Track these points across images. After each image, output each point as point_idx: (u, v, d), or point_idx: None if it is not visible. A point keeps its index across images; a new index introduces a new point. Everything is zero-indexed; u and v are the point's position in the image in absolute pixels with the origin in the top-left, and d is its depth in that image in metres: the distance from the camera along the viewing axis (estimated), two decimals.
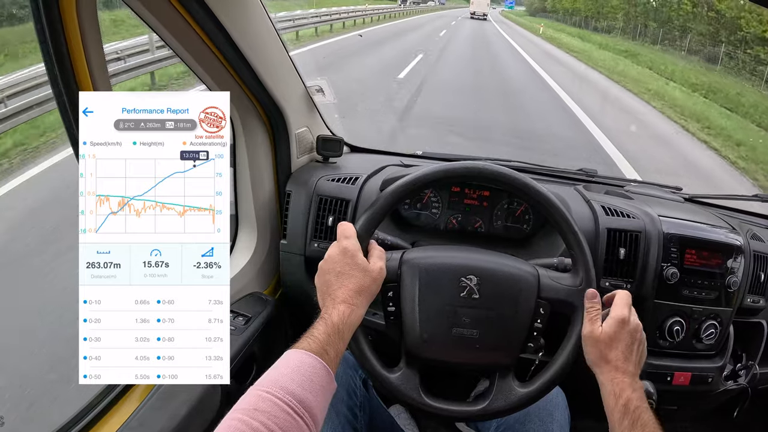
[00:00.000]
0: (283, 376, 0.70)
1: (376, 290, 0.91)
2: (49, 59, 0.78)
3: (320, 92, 1.47)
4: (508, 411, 0.97)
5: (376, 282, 0.90)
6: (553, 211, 0.98)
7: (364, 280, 0.87)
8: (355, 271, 0.87)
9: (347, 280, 0.87)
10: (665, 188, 1.64)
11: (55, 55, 0.78)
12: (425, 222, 1.45)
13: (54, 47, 0.77)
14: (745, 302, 1.33)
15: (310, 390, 0.70)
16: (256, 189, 1.36)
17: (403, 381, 0.96)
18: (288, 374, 0.71)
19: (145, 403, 0.93)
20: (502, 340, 0.96)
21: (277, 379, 0.70)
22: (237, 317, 1.20)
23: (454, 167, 0.99)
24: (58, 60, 0.78)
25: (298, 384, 0.70)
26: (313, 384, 0.71)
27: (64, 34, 0.78)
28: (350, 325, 0.83)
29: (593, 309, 0.92)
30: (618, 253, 1.26)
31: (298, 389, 0.69)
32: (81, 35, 0.79)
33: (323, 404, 0.74)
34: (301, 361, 0.73)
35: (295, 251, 1.38)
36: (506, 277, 0.97)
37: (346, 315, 0.82)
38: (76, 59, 0.80)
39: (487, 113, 8.42)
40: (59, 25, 0.76)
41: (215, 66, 1.13)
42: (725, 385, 1.36)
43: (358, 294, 0.86)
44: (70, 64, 0.80)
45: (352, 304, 0.84)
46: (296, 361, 0.73)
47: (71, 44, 0.79)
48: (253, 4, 1.15)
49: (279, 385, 0.69)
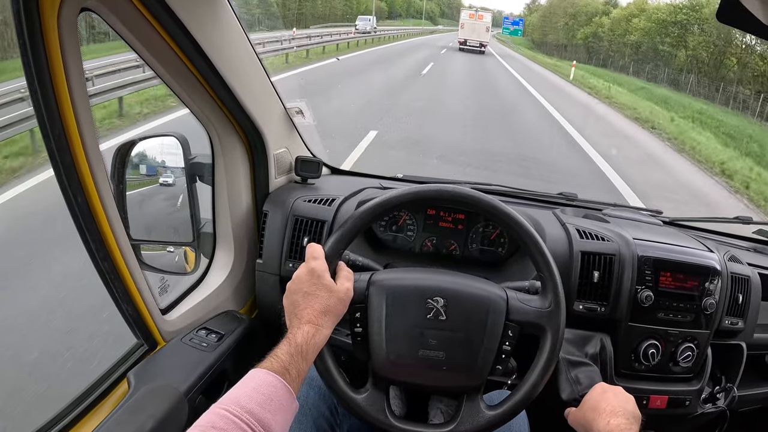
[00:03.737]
0: (243, 395, 0.72)
1: (343, 311, 0.92)
2: (30, 75, 0.80)
3: (300, 114, 1.50)
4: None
5: (343, 302, 0.91)
6: (522, 233, 1.00)
7: (330, 301, 0.89)
8: (322, 292, 0.89)
9: (313, 300, 0.88)
10: (644, 211, 1.65)
11: (35, 70, 0.80)
12: (401, 244, 1.47)
13: (35, 63, 0.79)
14: (723, 324, 1.33)
15: (269, 409, 0.72)
16: (234, 208, 1.38)
17: (370, 402, 0.97)
18: (248, 393, 0.73)
19: (111, 416, 0.93)
20: (468, 362, 0.97)
21: (238, 397, 0.72)
22: (210, 334, 1.20)
23: (424, 189, 1.01)
24: (38, 76, 0.80)
25: (257, 403, 0.72)
26: (273, 403, 0.73)
27: (45, 51, 0.79)
28: (314, 346, 0.85)
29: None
30: (592, 276, 1.27)
31: (256, 408, 0.71)
32: (61, 52, 0.81)
33: (283, 422, 0.75)
34: (262, 380, 0.76)
35: (271, 271, 1.39)
36: (474, 299, 0.98)
37: (310, 335, 0.84)
38: (56, 76, 0.82)
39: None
40: (40, 37, 0.78)
41: (194, 86, 1.16)
42: (703, 408, 1.36)
43: (324, 314, 0.88)
44: (50, 81, 0.81)
45: (317, 324, 0.86)
46: (257, 381, 0.75)
47: (52, 61, 0.81)
48: (232, 25, 1.19)
49: (238, 403, 0.71)
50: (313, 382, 1.14)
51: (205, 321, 1.25)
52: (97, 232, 0.95)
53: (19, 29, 0.77)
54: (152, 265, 1.26)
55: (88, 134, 0.88)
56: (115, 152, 1.25)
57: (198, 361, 1.11)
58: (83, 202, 0.91)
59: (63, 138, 0.85)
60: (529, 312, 0.98)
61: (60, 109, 0.84)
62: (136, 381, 1.01)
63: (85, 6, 0.85)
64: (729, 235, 1.69)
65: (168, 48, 1.05)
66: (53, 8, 0.78)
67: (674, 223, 1.63)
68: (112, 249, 0.98)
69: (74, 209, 0.91)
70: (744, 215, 1.64)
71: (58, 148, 0.85)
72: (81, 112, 0.86)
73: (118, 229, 0.98)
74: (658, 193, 7.00)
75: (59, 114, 0.84)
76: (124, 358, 1.11)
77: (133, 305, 1.06)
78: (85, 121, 0.87)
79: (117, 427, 0.91)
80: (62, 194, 0.90)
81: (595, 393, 0.97)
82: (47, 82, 0.81)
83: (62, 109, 0.84)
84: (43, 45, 0.79)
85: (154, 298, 1.11)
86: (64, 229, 0.92)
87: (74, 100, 0.85)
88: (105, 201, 0.94)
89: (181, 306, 1.25)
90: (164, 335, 1.15)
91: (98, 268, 0.99)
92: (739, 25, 0.68)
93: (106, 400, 1.02)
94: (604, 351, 1.29)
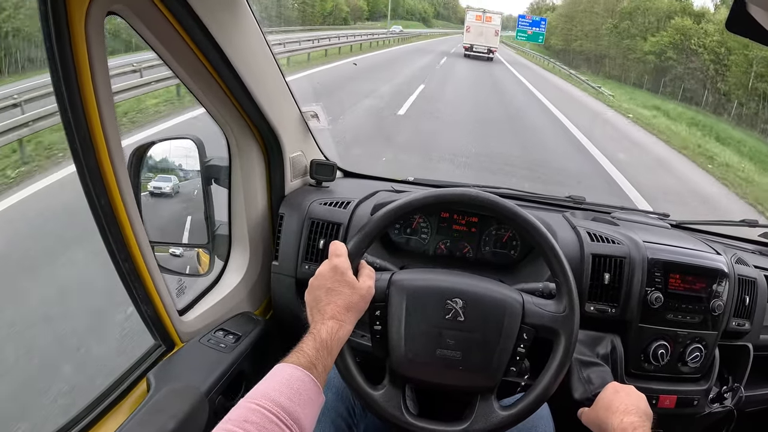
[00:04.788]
0: (272, 390, 0.73)
1: (364, 308, 0.93)
2: (56, 78, 0.81)
3: (315, 117, 1.51)
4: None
5: (364, 299, 0.93)
6: (540, 239, 1.01)
7: (353, 298, 0.90)
8: (345, 288, 0.90)
9: (336, 296, 0.89)
10: (652, 215, 1.66)
11: (62, 74, 0.80)
12: (414, 247, 1.48)
13: (62, 67, 0.80)
14: (730, 326, 1.35)
15: (299, 402, 0.73)
16: (250, 210, 1.39)
17: (387, 398, 0.98)
18: (277, 387, 0.74)
19: (133, 417, 0.93)
20: (484, 362, 0.98)
21: (267, 392, 0.73)
22: (227, 335, 1.21)
23: (446, 193, 1.03)
24: (65, 80, 0.81)
25: (287, 397, 0.73)
26: (302, 397, 0.74)
27: (72, 55, 0.80)
28: (338, 341, 0.86)
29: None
30: (603, 278, 1.29)
31: (286, 402, 0.72)
32: (88, 56, 0.82)
33: (311, 416, 0.76)
34: (291, 375, 0.76)
35: (287, 273, 1.40)
36: (491, 302, 0.99)
37: (335, 330, 0.85)
38: (83, 80, 0.83)
39: None
40: (67, 41, 0.79)
41: (213, 88, 1.17)
42: (711, 408, 1.37)
43: (347, 310, 0.89)
44: (77, 84, 0.82)
45: (341, 320, 0.87)
46: (286, 375, 0.76)
47: (78, 64, 0.81)
48: (252, 29, 1.20)
49: (269, 397, 0.72)
50: (331, 383, 1.15)
51: (222, 322, 1.26)
52: (119, 234, 0.95)
53: (47, 33, 0.77)
54: (168, 267, 1.27)
55: (113, 137, 0.89)
56: (131, 154, 1.26)
57: (216, 361, 1.12)
58: (106, 204, 0.92)
59: (88, 140, 0.86)
60: (545, 316, 1.00)
61: (86, 112, 0.84)
62: (156, 382, 1.02)
63: (111, 9, 0.86)
64: (735, 238, 1.70)
65: (189, 50, 1.06)
66: (81, 12, 0.79)
67: (681, 226, 1.65)
68: (133, 250, 0.99)
69: (97, 211, 0.92)
70: (750, 218, 1.64)
71: (83, 150, 0.86)
72: (106, 115, 0.87)
73: (139, 231, 0.99)
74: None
75: (85, 117, 0.84)
76: (142, 359, 1.12)
77: (152, 306, 1.07)
78: (110, 124, 0.88)
79: (139, 428, 0.91)
80: (85, 196, 0.90)
81: (607, 392, 0.99)
82: (74, 86, 0.82)
83: (88, 112, 0.84)
84: (70, 49, 0.79)
85: (173, 300, 1.12)
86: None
87: (100, 103, 0.86)
88: (127, 203, 0.95)
89: (197, 307, 1.25)
90: (182, 336, 1.16)
91: (119, 270, 1.00)
92: (749, 35, 0.69)
93: (125, 401, 1.03)
94: (615, 351, 1.31)
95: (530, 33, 34.26)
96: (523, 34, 34.71)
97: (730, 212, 7.98)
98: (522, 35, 34.99)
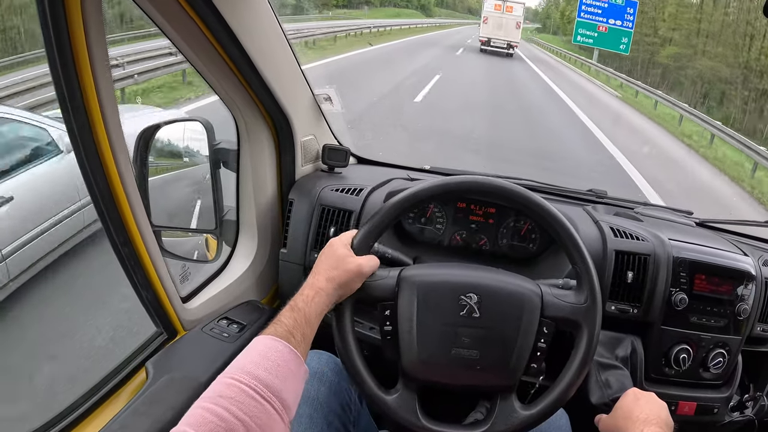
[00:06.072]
0: (249, 362, 0.72)
1: (351, 283, 0.92)
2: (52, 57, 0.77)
3: (328, 101, 1.47)
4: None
5: (350, 274, 0.90)
6: (557, 226, 0.97)
7: (336, 271, 0.90)
8: (331, 260, 0.91)
9: (321, 266, 0.91)
10: (676, 212, 1.60)
11: (58, 53, 0.77)
12: (429, 237, 1.43)
13: (57, 45, 0.76)
14: (755, 331, 1.29)
15: (277, 374, 0.71)
16: (258, 195, 1.35)
17: (401, 403, 0.94)
18: (255, 360, 0.72)
19: (129, 406, 0.91)
20: (503, 360, 0.94)
21: (244, 365, 0.71)
22: (231, 324, 1.17)
23: (451, 181, 0.99)
24: (61, 59, 0.77)
25: (264, 369, 0.71)
26: (280, 368, 0.72)
27: (69, 33, 0.77)
28: (315, 309, 0.85)
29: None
30: (626, 276, 1.23)
31: (264, 374, 0.70)
32: (85, 35, 0.78)
33: (293, 389, 0.74)
34: (267, 345, 0.75)
35: (295, 260, 1.36)
36: (508, 295, 0.95)
37: (310, 298, 0.85)
38: (79, 59, 0.79)
39: None
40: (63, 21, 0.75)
41: (223, 70, 1.13)
42: (731, 417, 1.32)
43: (327, 281, 0.88)
44: (73, 64, 0.79)
45: (318, 287, 0.86)
46: (262, 347, 0.75)
47: (75, 44, 0.78)
48: (264, 10, 1.15)
49: (245, 370, 0.70)
50: (324, 378, 1.11)
51: (227, 311, 1.23)
52: (118, 217, 0.92)
53: (41, 8, 0.74)
54: (174, 252, 1.24)
55: (112, 118, 0.86)
56: (138, 136, 1.23)
57: (218, 352, 1.08)
58: (104, 186, 0.88)
59: (85, 121, 0.83)
60: (565, 308, 0.95)
61: (83, 93, 0.81)
62: (154, 371, 0.99)
63: None
64: (760, 239, 1.62)
65: (198, 30, 1.02)
66: None
67: (706, 224, 1.58)
68: (133, 234, 0.96)
69: (95, 193, 0.89)
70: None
71: (79, 131, 0.83)
72: (105, 96, 0.84)
73: (140, 215, 0.96)
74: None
75: (82, 98, 0.81)
76: (143, 347, 1.09)
77: (154, 293, 1.04)
78: (109, 104, 0.85)
79: (134, 418, 0.89)
80: (83, 177, 0.87)
81: (627, 400, 0.94)
82: (70, 65, 0.78)
83: (85, 93, 0.81)
84: (66, 27, 0.76)
85: (175, 286, 1.09)
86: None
87: (98, 84, 0.82)
88: (127, 185, 0.91)
89: (202, 294, 1.22)
90: (184, 324, 1.13)
91: (118, 254, 0.97)
92: None
93: (123, 389, 1.00)
94: (635, 354, 1.26)
95: (603, 30, 17.90)
96: (588, 35, 18.27)
97: None
98: (585, 37, 18.35)
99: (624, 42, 18.07)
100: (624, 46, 18.16)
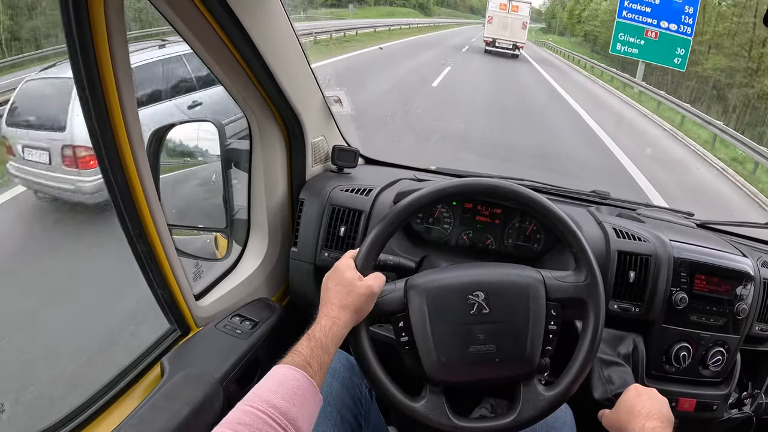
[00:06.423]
0: (266, 391, 0.75)
1: (365, 306, 0.94)
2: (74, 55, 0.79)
3: (338, 102, 1.48)
4: (539, 417, 0.97)
5: (363, 298, 0.93)
6: (555, 220, 1.01)
7: (349, 298, 0.92)
8: (341, 287, 0.93)
9: (333, 295, 0.92)
10: (678, 213, 1.63)
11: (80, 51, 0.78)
12: (436, 237, 1.45)
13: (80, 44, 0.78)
14: (754, 330, 1.32)
15: (293, 402, 0.75)
16: (270, 195, 1.37)
17: (430, 408, 0.96)
18: (271, 388, 0.76)
19: (147, 402, 0.92)
20: (519, 349, 0.97)
21: (261, 393, 0.75)
22: (244, 321, 1.19)
23: (458, 184, 1.02)
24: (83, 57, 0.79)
25: (281, 397, 0.75)
26: (296, 396, 0.76)
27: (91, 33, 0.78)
28: (333, 338, 0.87)
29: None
30: (628, 276, 1.27)
31: (280, 402, 0.74)
32: (108, 35, 0.80)
33: (308, 415, 0.78)
34: (285, 375, 0.78)
35: (305, 260, 1.38)
36: (513, 287, 0.98)
37: (327, 328, 0.87)
38: (101, 58, 0.81)
39: None
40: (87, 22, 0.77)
41: (236, 71, 1.15)
42: (730, 413, 1.34)
43: (342, 308, 0.91)
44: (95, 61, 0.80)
45: (334, 317, 0.89)
46: (280, 376, 0.78)
47: (97, 43, 0.80)
48: (277, 12, 1.17)
49: (262, 399, 0.74)
50: (337, 373, 1.13)
51: (238, 308, 1.24)
52: (136, 214, 0.94)
53: (65, 10, 0.75)
54: (185, 250, 1.25)
55: (131, 115, 0.87)
56: (150, 135, 1.24)
57: (232, 348, 1.10)
58: (123, 183, 0.90)
59: (105, 117, 0.84)
60: (568, 288, 0.99)
61: (104, 91, 0.83)
62: (170, 367, 1.00)
63: None
64: (759, 241, 1.64)
65: (212, 31, 1.03)
66: None
67: (706, 226, 1.60)
68: (150, 232, 0.97)
69: (113, 189, 0.90)
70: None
71: (99, 129, 0.84)
72: (125, 93, 0.85)
73: (157, 212, 0.98)
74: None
75: (103, 95, 0.83)
76: (157, 343, 1.11)
77: (168, 290, 1.05)
78: (128, 101, 0.86)
79: (152, 413, 0.90)
80: (101, 172, 0.89)
81: (629, 395, 0.96)
82: (92, 63, 0.80)
83: (106, 91, 0.83)
84: (89, 26, 0.78)
85: (189, 284, 1.10)
86: None
87: (119, 81, 0.84)
88: (145, 183, 0.93)
89: (214, 292, 1.24)
90: (197, 321, 1.14)
91: (134, 251, 0.98)
92: None
93: (138, 385, 1.02)
94: (637, 351, 1.29)
95: (653, 36, 13.18)
96: (632, 43, 13.53)
97: None
98: (628, 45, 13.62)
99: (679, 54, 12.96)
100: (679, 59, 13.04)
